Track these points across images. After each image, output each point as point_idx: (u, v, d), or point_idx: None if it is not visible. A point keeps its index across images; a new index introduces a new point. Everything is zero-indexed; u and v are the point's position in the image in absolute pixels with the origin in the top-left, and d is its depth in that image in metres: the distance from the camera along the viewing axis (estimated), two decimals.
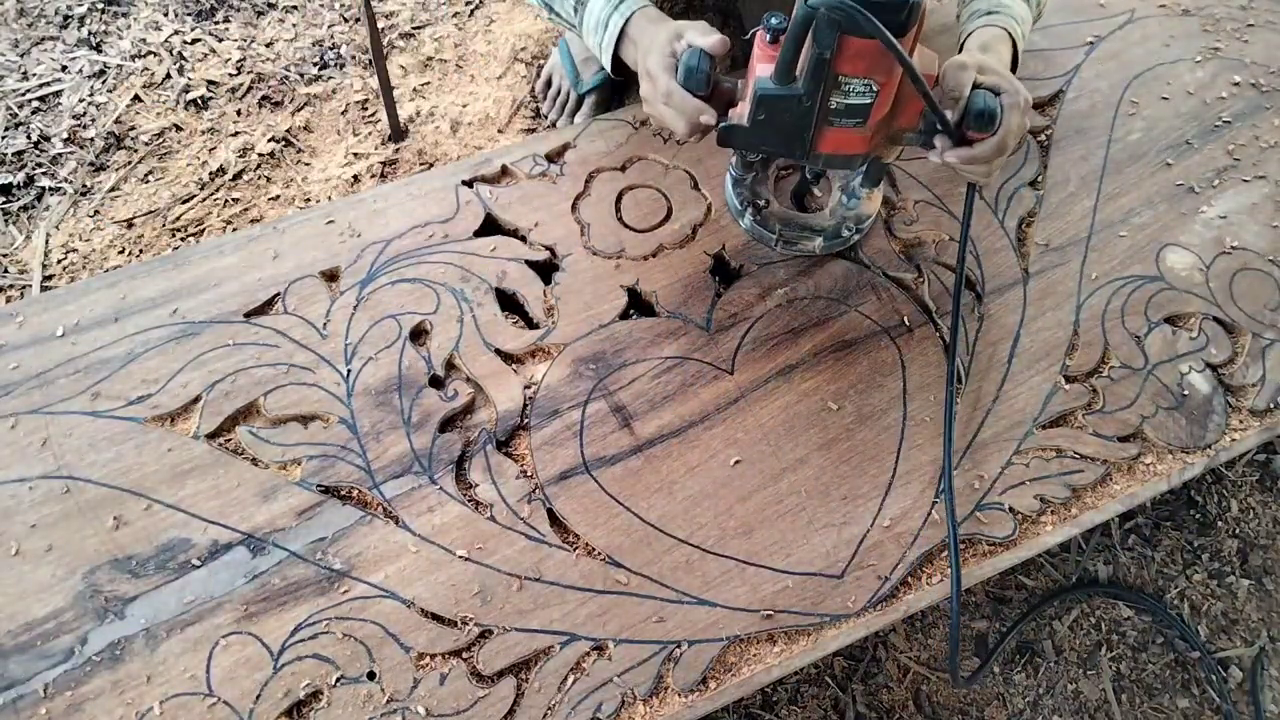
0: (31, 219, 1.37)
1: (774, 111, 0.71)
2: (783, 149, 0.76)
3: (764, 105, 0.71)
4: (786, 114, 0.71)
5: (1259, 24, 1.17)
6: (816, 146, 0.75)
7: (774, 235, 0.89)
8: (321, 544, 0.77)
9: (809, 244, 0.90)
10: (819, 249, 0.90)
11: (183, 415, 0.82)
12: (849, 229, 0.90)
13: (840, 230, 0.89)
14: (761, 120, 0.72)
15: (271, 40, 1.57)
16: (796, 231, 0.89)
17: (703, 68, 0.74)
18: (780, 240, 0.89)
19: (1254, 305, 0.96)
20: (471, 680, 0.73)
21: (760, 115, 0.72)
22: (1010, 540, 0.82)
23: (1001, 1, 0.87)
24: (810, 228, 0.90)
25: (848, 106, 0.70)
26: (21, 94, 1.46)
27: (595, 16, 0.88)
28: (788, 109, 0.71)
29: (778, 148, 0.76)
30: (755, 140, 0.75)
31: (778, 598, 0.78)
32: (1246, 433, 0.89)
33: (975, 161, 0.76)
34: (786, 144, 0.75)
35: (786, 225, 0.89)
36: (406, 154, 1.47)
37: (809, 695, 1.14)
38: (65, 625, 0.72)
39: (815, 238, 0.89)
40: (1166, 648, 1.21)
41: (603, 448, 0.83)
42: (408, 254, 0.91)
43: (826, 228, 0.89)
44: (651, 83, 0.79)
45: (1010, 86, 0.75)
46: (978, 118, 0.73)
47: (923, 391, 0.88)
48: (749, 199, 0.90)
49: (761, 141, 0.75)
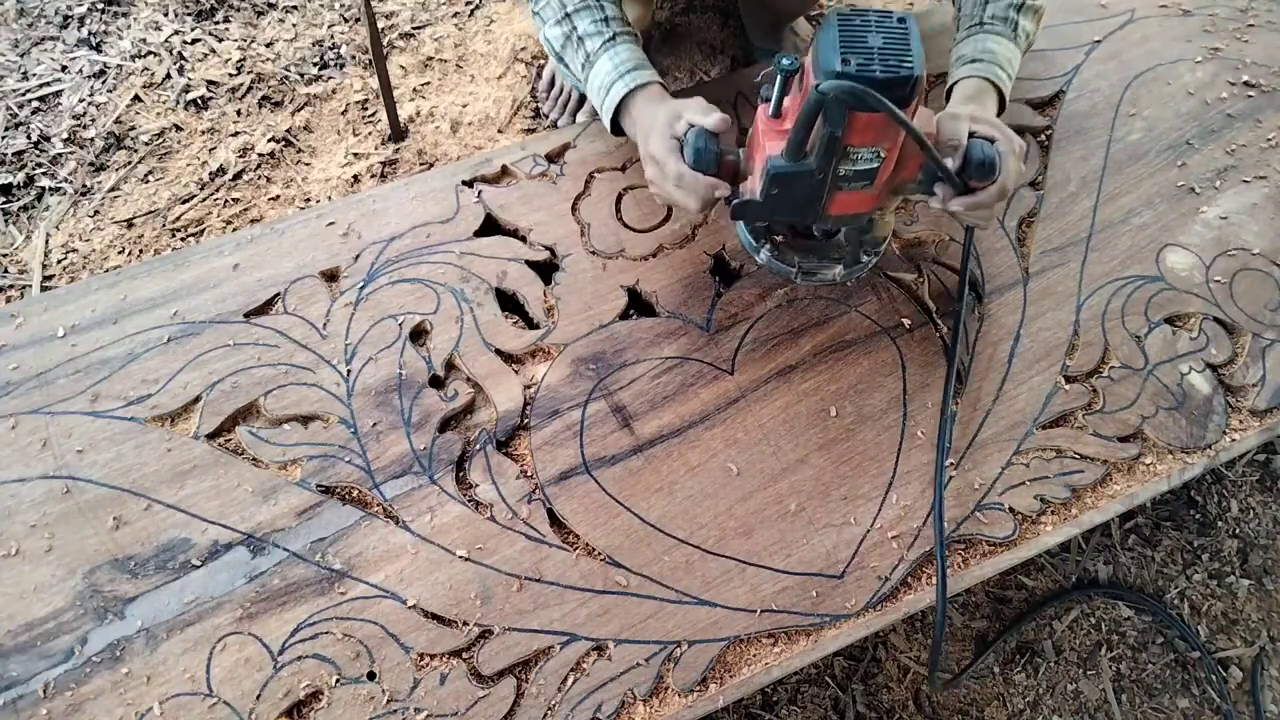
0: (31, 219, 1.37)
1: (786, 186, 0.73)
2: (795, 216, 0.79)
3: (777, 182, 0.73)
4: (799, 188, 0.74)
5: (1259, 24, 1.17)
6: (827, 210, 0.77)
7: (793, 269, 0.89)
8: (321, 544, 0.77)
9: (829, 273, 0.90)
10: (839, 277, 0.91)
11: (183, 415, 0.82)
12: (867, 254, 0.90)
13: (859, 256, 0.89)
14: (774, 194, 0.74)
15: (271, 40, 1.57)
16: (815, 263, 0.89)
17: (710, 148, 0.76)
18: (800, 273, 0.90)
19: (1254, 305, 0.96)
20: (471, 680, 0.73)
21: (773, 190, 0.74)
22: (1010, 540, 0.82)
23: (988, 48, 0.88)
24: (829, 257, 0.90)
25: (856, 173, 0.73)
26: (21, 94, 1.46)
27: (600, 80, 0.88)
28: (800, 183, 0.73)
29: (790, 216, 0.79)
30: (768, 212, 0.77)
31: (778, 598, 0.78)
32: (1246, 433, 0.89)
33: (979, 207, 0.78)
34: (798, 212, 0.77)
35: (805, 257, 0.89)
36: (406, 154, 1.47)
37: (809, 695, 1.14)
38: (65, 625, 0.72)
39: (834, 266, 0.90)
40: (1166, 648, 1.21)
41: (603, 448, 0.83)
42: (408, 254, 0.91)
43: (844, 255, 0.90)
44: (658, 167, 0.80)
45: (1003, 134, 0.78)
46: (979, 167, 0.76)
47: (923, 392, 0.88)
48: (764, 233, 0.90)
49: (774, 213, 0.77)
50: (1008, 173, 0.77)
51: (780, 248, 0.89)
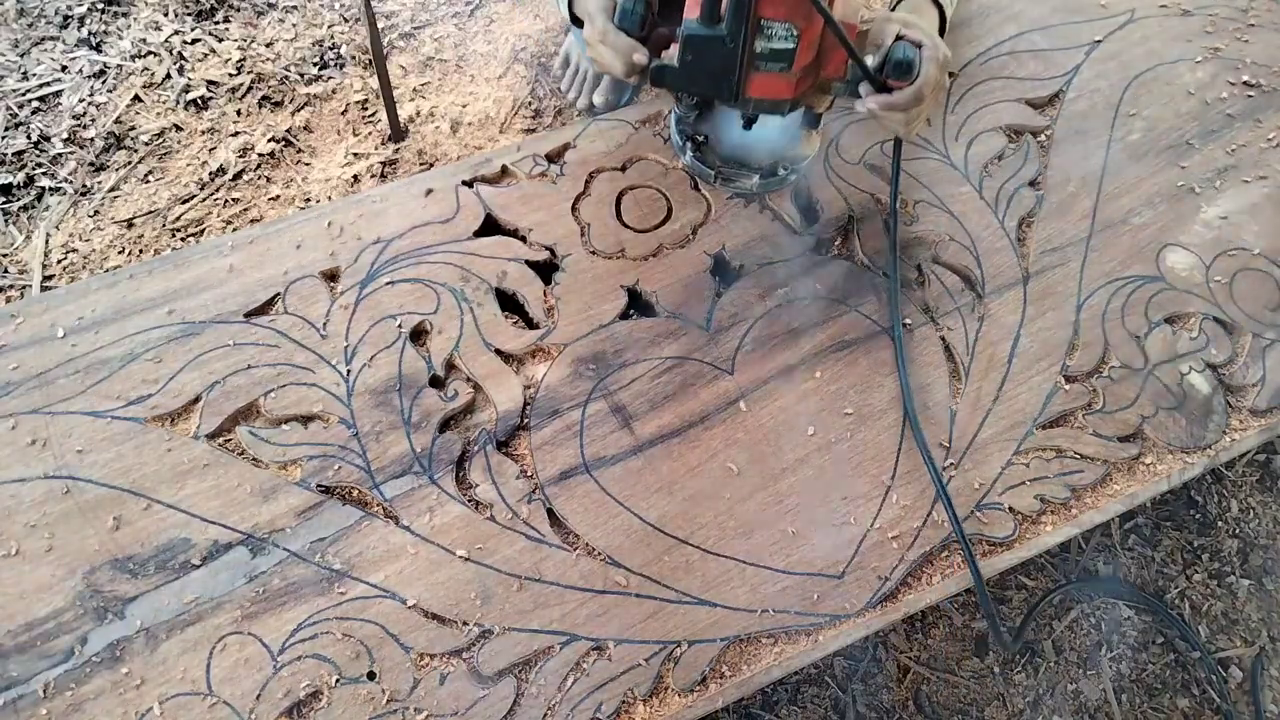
0: (31, 219, 1.37)
1: (700, 53, 0.75)
2: (712, 91, 0.80)
3: (690, 46, 0.74)
4: (713, 56, 0.75)
5: (1259, 24, 1.17)
6: (745, 91, 0.78)
7: (712, 172, 0.93)
8: (321, 544, 0.77)
9: (746, 181, 0.94)
10: (755, 187, 0.94)
11: (183, 415, 0.82)
12: (785, 168, 0.93)
13: (777, 169, 0.93)
14: (689, 61, 0.76)
15: (271, 40, 1.57)
16: (734, 169, 0.93)
17: (638, 10, 0.78)
18: (718, 177, 0.93)
19: (1254, 305, 0.96)
20: (471, 680, 0.73)
21: (688, 56, 0.75)
22: (1010, 540, 0.82)
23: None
24: (747, 165, 0.93)
25: (772, 51, 0.74)
26: (21, 94, 1.45)
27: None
28: (714, 51, 0.74)
29: (707, 89, 0.80)
30: (685, 81, 0.78)
31: (778, 598, 0.78)
32: (1246, 433, 0.89)
33: (894, 109, 0.79)
34: (715, 86, 0.78)
35: (725, 163, 0.93)
36: (406, 154, 1.47)
37: (809, 695, 1.14)
38: (65, 625, 0.72)
39: (753, 175, 0.93)
40: (1166, 648, 1.21)
41: (603, 448, 0.83)
42: (408, 254, 0.91)
43: (763, 166, 0.93)
44: (590, 23, 0.82)
45: (931, 41, 0.79)
46: (896, 66, 0.77)
47: (923, 392, 0.88)
48: (689, 134, 0.94)
49: (691, 83, 0.78)
50: (926, 77, 0.78)
51: (702, 149, 0.93)
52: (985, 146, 1.03)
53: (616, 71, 0.81)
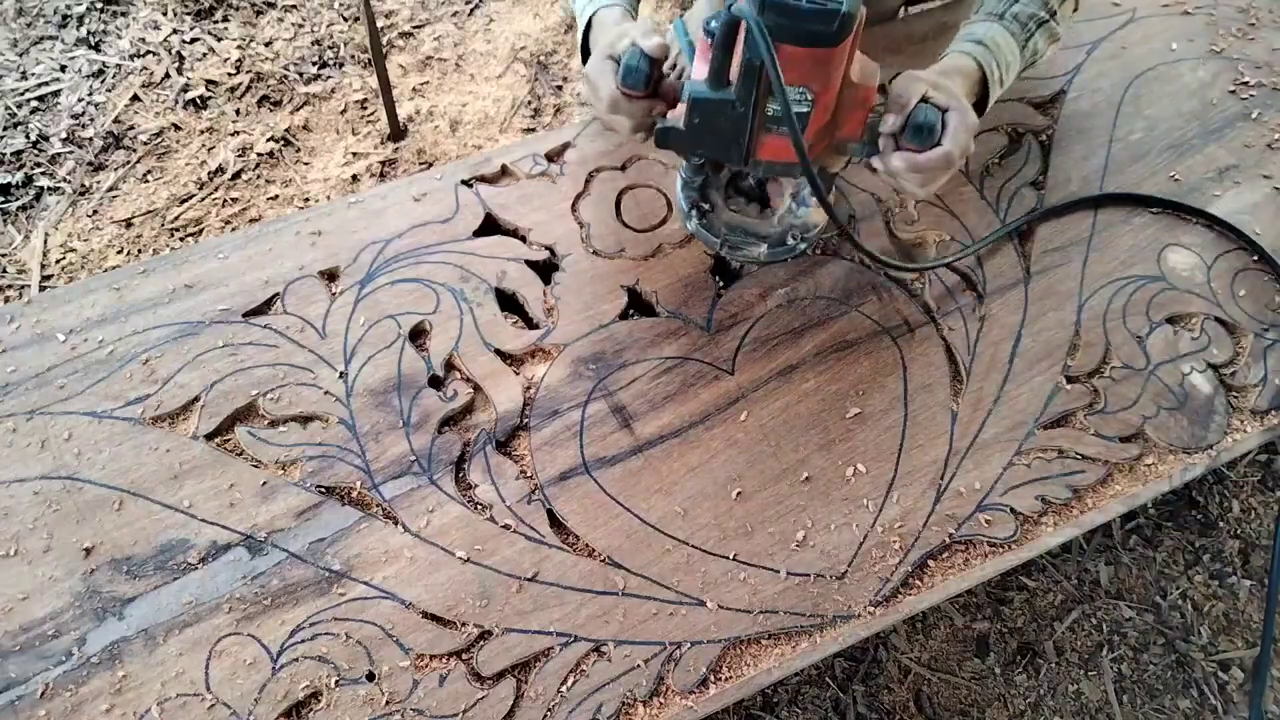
0: (30, 219, 1.37)
1: (708, 116, 0.71)
2: (720, 154, 0.76)
3: (697, 109, 0.70)
4: (721, 119, 0.71)
5: (1260, 24, 1.17)
6: (755, 153, 0.74)
7: (718, 240, 0.88)
8: (320, 545, 0.77)
9: (754, 250, 0.88)
10: (763, 256, 0.89)
11: (182, 415, 0.82)
12: (794, 237, 0.88)
13: (785, 238, 0.87)
14: (697, 124, 0.71)
15: (270, 40, 1.56)
16: (741, 237, 0.88)
17: (641, 68, 0.74)
18: (725, 245, 0.88)
19: (1255, 305, 0.95)
20: (471, 681, 0.72)
21: (695, 119, 0.71)
22: (1012, 541, 0.82)
23: (996, 40, 0.86)
24: (755, 234, 0.88)
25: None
26: (20, 93, 1.45)
27: (579, 5, 0.90)
28: (722, 114, 0.70)
29: (716, 152, 0.75)
30: (692, 143, 0.74)
31: (778, 599, 0.77)
32: (1248, 433, 0.89)
33: (919, 170, 0.74)
34: (724, 149, 0.74)
35: (732, 230, 0.88)
36: (406, 154, 1.47)
37: (809, 696, 1.14)
38: (64, 626, 0.72)
39: (760, 244, 0.88)
40: (1168, 649, 1.21)
41: (603, 448, 0.83)
42: (407, 254, 0.91)
43: (771, 235, 0.88)
44: (591, 86, 0.79)
45: (960, 107, 0.74)
46: (916, 130, 0.73)
47: (924, 392, 0.87)
48: (696, 202, 0.89)
49: (698, 145, 0.74)
50: (957, 143, 0.73)
51: (709, 217, 0.88)
52: (986, 146, 1.03)
53: (622, 131, 0.77)
